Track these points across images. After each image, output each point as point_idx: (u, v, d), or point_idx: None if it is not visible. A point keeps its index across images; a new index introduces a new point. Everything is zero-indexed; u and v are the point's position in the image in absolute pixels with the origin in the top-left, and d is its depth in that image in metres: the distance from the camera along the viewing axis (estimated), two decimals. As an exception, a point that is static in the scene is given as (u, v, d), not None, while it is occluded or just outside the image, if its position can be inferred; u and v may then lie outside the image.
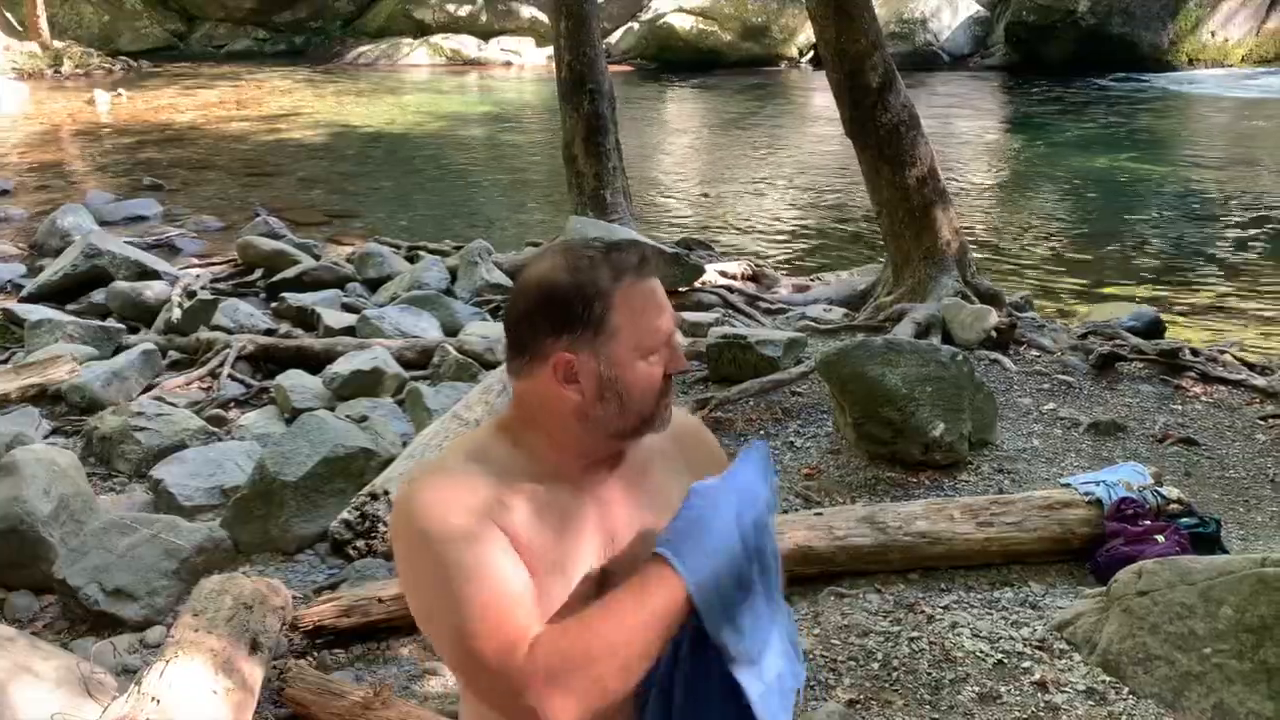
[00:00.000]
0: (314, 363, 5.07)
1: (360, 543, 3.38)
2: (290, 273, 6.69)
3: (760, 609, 1.28)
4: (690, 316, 5.96)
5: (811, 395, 4.65)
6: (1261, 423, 4.47)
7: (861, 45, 5.47)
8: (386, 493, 3.42)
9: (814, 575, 3.18)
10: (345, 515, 3.42)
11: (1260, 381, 4.87)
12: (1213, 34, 17.38)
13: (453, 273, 6.70)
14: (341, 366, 4.83)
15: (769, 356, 4.78)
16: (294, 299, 6.14)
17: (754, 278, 7.21)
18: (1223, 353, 5.30)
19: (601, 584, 1.29)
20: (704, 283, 6.66)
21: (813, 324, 5.79)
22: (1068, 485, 3.46)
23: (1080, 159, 11.79)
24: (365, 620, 2.95)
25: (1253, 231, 8.83)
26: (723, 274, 6.97)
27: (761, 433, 4.36)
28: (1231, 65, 17.33)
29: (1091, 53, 16.50)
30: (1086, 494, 3.35)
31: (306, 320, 5.91)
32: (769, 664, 1.29)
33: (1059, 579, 3.22)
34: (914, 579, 3.20)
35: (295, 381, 4.77)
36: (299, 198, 10.21)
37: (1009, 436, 4.25)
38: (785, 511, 3.56)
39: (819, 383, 4.50)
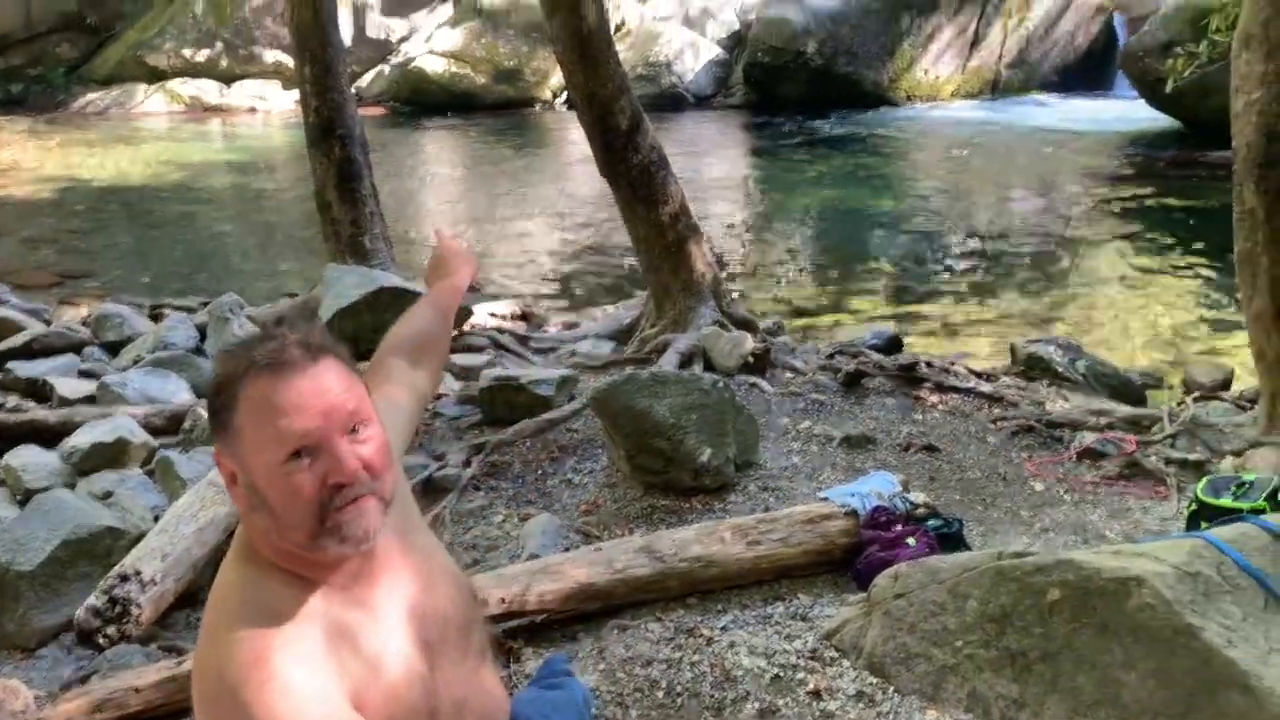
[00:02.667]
0: (49, 437, 4.67)
1: (111, 629, 3.13)
2: (16, 340, 6.14)
3: None
4: (461, 360, 5.91)
5: (586, 431, 4.71)
6: (991, 426, 4.89)
7: (609, 90, 5.64)
8: (139, 572, 3.19)
9: (598, 611, 3.21)
10: (92, 601, 3.16)
11: (987, 388, 5.33)
12: (925, 71, 18.99)
13: (202, 330, 6.35)
14: (80, 439, 4.47)
15: (542, 395, 4.81)
16: (22, 369, 5.64)
17: (524, 317, 7.25)
18: (953, 364, 5.77)
19: (429, 657, 1.31)
20: (473, 325, 6.63)
21: (583, 360, 5.88)
22: (826, 499, 3.66)
23: (816, 190, 12.57)
24: (122, 714, 2.73)
25: (971, 251, 9.69)
26: (492, 315, 6.96)
27: (539, 472, 4.37)
28: (943, 100, 19.00)
29: (822, 91, 17.66)
30: (843, 505, 3.56)
31: (39, 392, 5.44)
32: None
33: (825, 589, 3.39)
34: (692, 603, 3.29)
35: (27, 459, 4.37)
36: (25, 259, 9.41)
37: (771, 456, 4.46)
38: (566, 549, 3.59)
39: (592, 418, 4.57)
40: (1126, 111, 16.85)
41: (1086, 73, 19.84)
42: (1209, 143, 11.53)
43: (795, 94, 17.69)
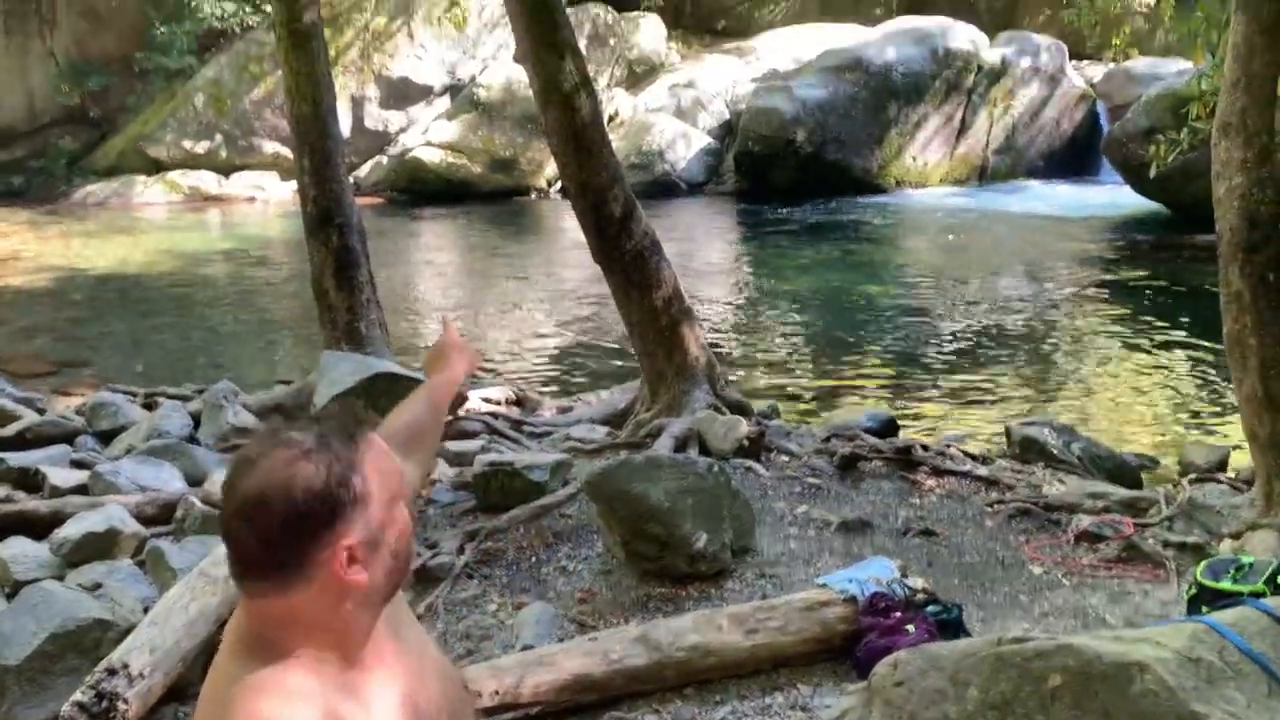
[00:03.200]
0: (40, 528, 4.62)
1: (97, 725, 3.06)
2: (9, 430, 6.12)
3: None
4: (455, 446, 5.89)
5: (580, 516, 4.68)
6: (988, 509, 4.87)
7: (602, 179, 5.74)
8: (126, 666, 3.13)
9: (593, 703, 3.15)
10: (79, 696, 3.10)
11: (983, 471, 5.33)
12: (914, 159, 19.35)
13: (196, 418, 6.34)
14: (71, 529, 4.43)
15: (536, 481, 4.79)
16: (15, 459, 5.60)
17: (518, 402, 7.25)
18: (949, 447, 5.77)
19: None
20: (468, 410, 6.62)
21: (578, 445, 5.86)
22: (824, 585, 3.63)
23: (808, 275, 12.70)
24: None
25: (964, 335, 9.76)
26: (486, 400, 6.96)
27: (533, 559, 4.33)
28: (931, 186, 19.33)
29: (812, 178, 17.98)
30: (842, 592, 3.53)
31: (30, 482, 5.40)
32: None
33: (824, 678, 3.34)
34: (690, 694, 3.24)
35: (16, 551, 4.32)
36: (20, 348, 9.43)
37: (768, 541, 4.43)
38: (561, 639, 3.54)
39: (587, 503, 4.54)
40: (1112, 196, 17.15)
41: (1072, 159, 20.25)
42: (1195, 226, 11.71)
43: (785, 181, 17.99)
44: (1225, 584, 3.37)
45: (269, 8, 7.89)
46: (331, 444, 1.26)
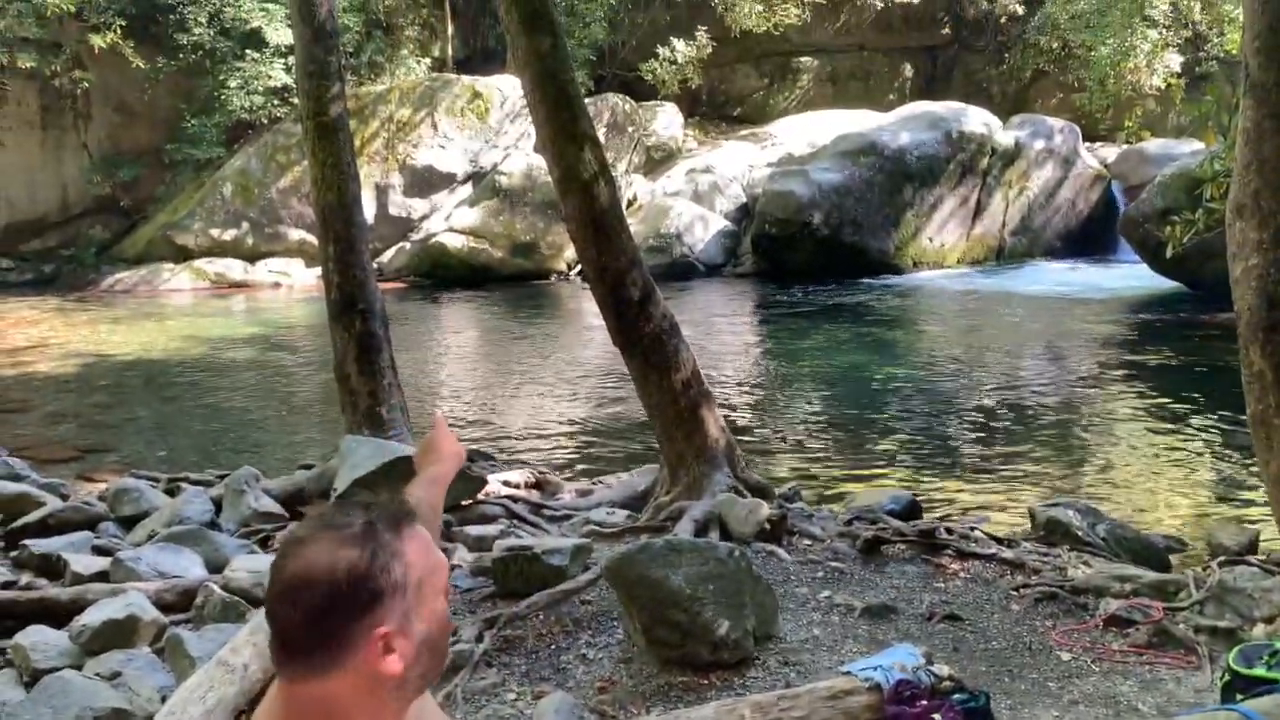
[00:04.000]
0: (61, 615, 4.62)
1: (112, 819, 3.03)
2: (33, 517, 6.16)
3: None
4: (474, 530, 5.88)
5: (601, 602, 4.64)
6: (1014, 593, 4.80)
7: (621, 263, 5.81)
8: (143, 757, 3.10)
9: (613, 794, 3.09)
10: (94, 788, 3.07)
11: (1009, 554, 5.25)
12: (930, 240, 19.50)
13: (217, 504, 6.37)
14: (91, 617, 4.42)
15: (556, 566, 4.76)
16: (37, 545, 5.62)
17: (538, 485, 7.23)
18: (973, 529, 5.71)
19: None
20: (487, 494, 6.61)
21: (598, 528, 5.84)
22: (848, 673, 3.57)
23: (827, 356, 12.73)
24: None
25: (984, 415, 9.71)
26: (506, 484, 6.95)
27: (553, 646, 4.28)
28: (949, 266, 19.43)
29: (829, 259, 18.13)
30: (866, 679, 3.47)
31: (52, 568, 5.41)
32: None
33: (850, 769, 3.27)
34: (712, 786, 3.18)
35: (37, 639, 4.32)
36: (46, 434, 9.53)
37: (791, 628, 4.37)
38: (580, 730, 3.49)
39: (607, 589, 4.51)
40: (1130, 276, 17.17)
41: (1089, 238, 20.35)
42: (1215, 304, 11.69)
43: (802, 263, 18.14)
44: (1259, 670, 3.30)
45: (296, 100, 8.11)
46: (377, 530, 1.28)
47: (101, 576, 5.16)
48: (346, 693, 1.25)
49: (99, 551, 5.71)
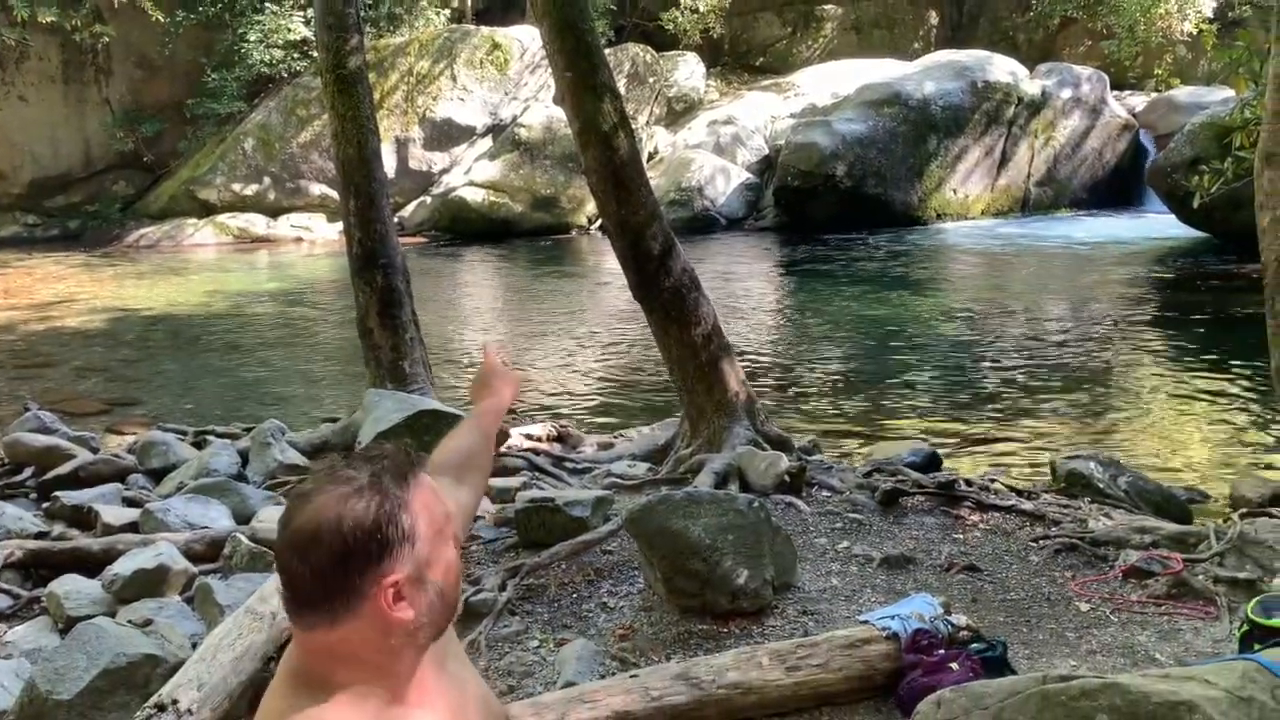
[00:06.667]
0: (93, 565, 4.72)
1: (147, 760, 3.12)
2: (64, 469, 6.26)
3: None
4: (497, 482, 5.93)
5: (622, 553, 4.69)
6: (1034, 544, 4.81)
7: (641, 216, 5.80)
8: (175, 701, 3.19)
9: (633, 740, 3.15)
10: (129, 731, 3.16)
11: (1028, 506, 5.26)
12: (954, 191, 19.29)
13: (244, 456, 6.45)
14: (122, 566, 4.52)
15: (578, 517, 4.81)
16: (69, 497, 5.73)
17: (559, 438, 7.28)
18: (993, 481, 5.71)
19: None
20: (509, 447, 6.67)
21: (619, 480, 5.88)
22: (866, 622, 3.61)
23: (849, 309, 12.68)
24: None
25: (1007, 367, 9.67)
26: (528, 437, 7.01)
27: (575, 595, 4.34)
28: (973, 218, 19.24)
29: (852, 212, 17.98)
30: (884, 629, 3.51)
31: (84, 519, 5.52)
32: None
33: (867, 715, 3.32)
34: (731, 732, 3.23)
35: (70, 587, 4.42)
36: (75, 388, 9.66)
37: (809, 578, 4.40)
38: (602, 676, 3.55)
39: (628, 539, 4.55)
40: (1158, 226, 16.96)
41: (1116, 189, 20.07)
42: (1243, 254, 11.54)
43: (825, 215, 18.01)
44: (1278, 621, 3.30)
45: (316, 54, 8.09)
46: (383, 482, 1.29)
47: (132, 527, 5.26)
48: (358, 643, 1.28)
49: (129, 503, 5.81)
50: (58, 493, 5.86)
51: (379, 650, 1.29)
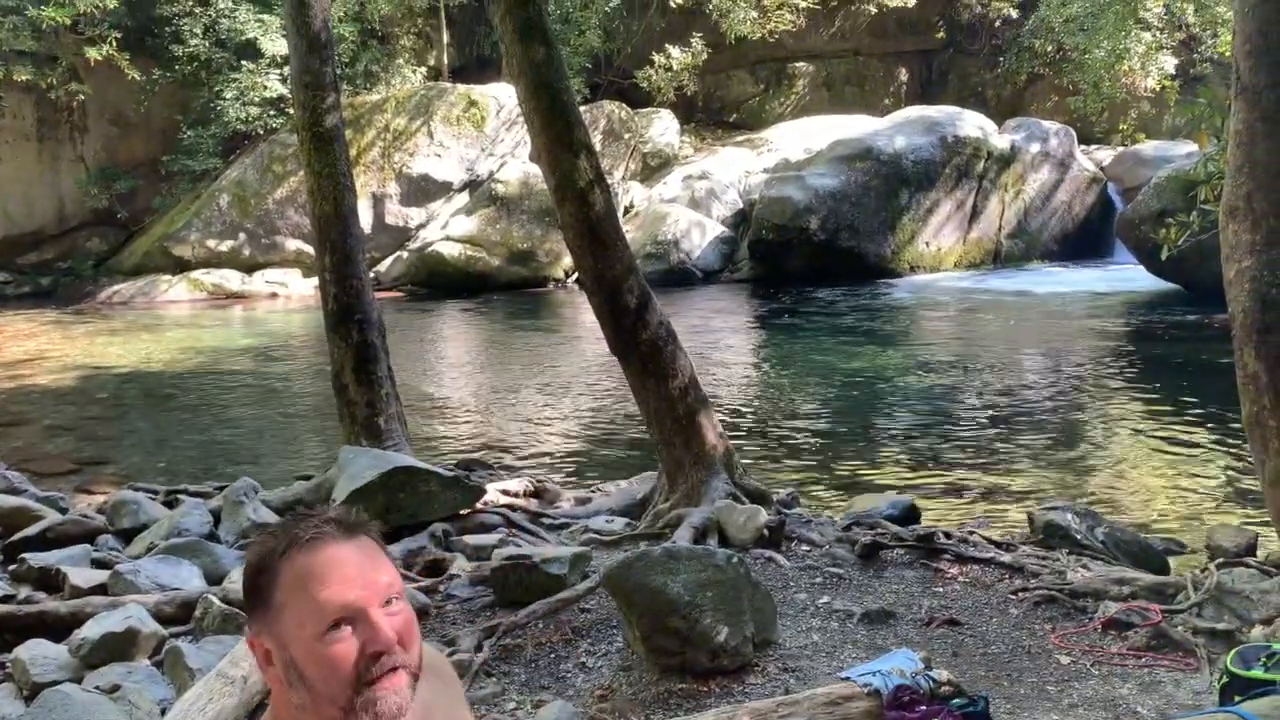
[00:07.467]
0: (60, 628, 4.62)
1: (112, 833, 3.03)
2: (32, 530, 6.14)
3: None
4: (473, 540, 5.88)
5: (600, 610, 4.64)
6: (1013, 596, 4.80)
7: (617, 270, 5.83)
8: (143, 770, 3.10)
9: (613, 803, 3.09)
10: (94, 802, 3.07)
11: (1007, 558, 5.25)
12: (927, 244, 19.53)
13: (216, 515, 6.36)
14: (90, 630, 4.42)
15: (555, 574, 4.77)
16: (36, 559, 5.61)
17: (536, 494, 7.23)
18: (972, 533, 5.71)
19: None
20: (486, 503, 6.61)
21: (597, 536, 5.84)
22: (847, 679, 3.57)
23: (824, 361, 12.73)
24: None
25: (983, 419, 9.72)
26: (504, 492, 6.95)
27: (553, 655, 4.28)
28: (946, 270, 19.45)
29: (826, 265, 18.16)
30: (865, 685, 3.47)
31: (51, 581, 5.40)
32: None
33: (850, 775, 3.27)
34: (712, 794, 3.18)
35: (36, 652, 4.31)
36: (44, 447, 9.52)
37: (790, 634, 4.37)
38: (580, 738, 3.49)
39: (607, 597, 4.51)
40: (1127, 277, 17.20)
41: (1086, 241, 20.39)
42: (1211, 305, 11.70)
43: (800, 268, 18.17)
44: (1257, 672, 3.30)
45: (292, 111, 8.12)
46: (273, 541, 1.28)
47: (100, 589, 5.16)
48: (275, 691, 1.29)
49: (98, 564, 5.70)
50: (25, 554, 5.75)
51: (286, 707, 1.27)
